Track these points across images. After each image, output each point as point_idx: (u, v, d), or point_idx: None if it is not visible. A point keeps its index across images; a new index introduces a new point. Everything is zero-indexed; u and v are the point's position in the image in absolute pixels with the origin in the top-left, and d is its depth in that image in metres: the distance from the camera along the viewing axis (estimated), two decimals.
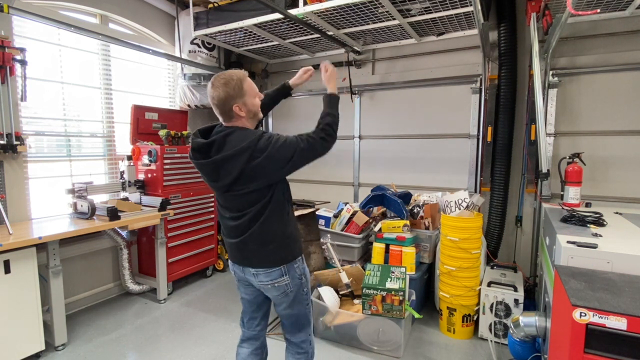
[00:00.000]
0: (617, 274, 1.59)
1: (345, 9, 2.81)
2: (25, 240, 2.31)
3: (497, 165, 3.25)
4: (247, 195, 1.57)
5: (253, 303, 1.81)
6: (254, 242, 1.62)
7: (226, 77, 1.55)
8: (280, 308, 1.75)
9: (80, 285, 3.27)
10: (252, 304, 1.82)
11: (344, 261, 3.13)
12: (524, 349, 2.15)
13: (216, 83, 1.54)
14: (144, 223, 3.05)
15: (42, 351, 2.51)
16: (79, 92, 3.28)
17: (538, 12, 2.70)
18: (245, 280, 1.75)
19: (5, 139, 2.64)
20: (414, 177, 3.85)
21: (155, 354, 2.57)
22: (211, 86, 1.56)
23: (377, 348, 2.58)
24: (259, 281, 1.67)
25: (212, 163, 1.54)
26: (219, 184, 1.58)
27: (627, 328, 1.27)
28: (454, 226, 2.72)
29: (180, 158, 3.56)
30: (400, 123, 3.89)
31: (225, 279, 3.96)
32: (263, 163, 1.49)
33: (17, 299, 2.35)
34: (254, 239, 1.62)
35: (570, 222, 2.17)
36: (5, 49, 2.56)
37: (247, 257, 1.67)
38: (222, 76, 1.56)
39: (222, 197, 1.65)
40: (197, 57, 3.87)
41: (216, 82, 1.55)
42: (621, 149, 2.97)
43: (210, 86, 1.56)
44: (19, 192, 2.81)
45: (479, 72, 3.38)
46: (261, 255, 1.63)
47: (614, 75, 2.96)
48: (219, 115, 1.60)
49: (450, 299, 2.75)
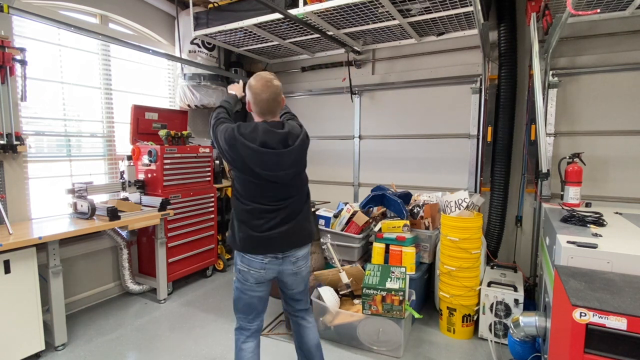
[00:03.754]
0: (617, 274, 1.59)
1: (345, 9, 2.81)
2: (25, 240, 2.31)
3: (497, 165, 3.25)
4: (302, 178, 1.83)
5: (264, 299, 1.90)
6: (306, 220, 1.86)
7: (271, 74, 1.77)
8: (303, 285, 1.96)
9: (80, 285, 3.27)
10: (263, 299, 1.90)
11: (344, 261, 3.13)
12: (524, 349, 2.15)
13: (270, 76, 1.74)
14: (144, 223, 3.05)
15: (42, 351, 2.51)
16: (79, 92, 3.28)
17: (538, 12, 2.70)
18: (271, 275, 1.84)
19: (5, 139, 2.64)
20: (414, 177, 3.85)
21: (155, 354, 2.57)
22: (268, 81, 1.71)
23: (377, 348, 2.58)
24: (297, 262, 1.86)
25: (293, 151, 1.71)
26: (289, 171, 1.71)
27: (627, 328, 1.27)
28: (454, 226, 2.72)
29: (180, 158, 3.56)
30: (400, 123, 3.89)
31: (225, 279, 3.96)
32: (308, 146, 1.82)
33: (17, 299, 2.35)
34: (306, 217, 1.85)
35: (570, 222, 2.17)
36: (5, 49, 2.56)
37: (301, 238, 1.84)
38: (267, 73, 1.76)
39: (274, 188, 1.73)
40: (197, 57, 3.87)
41: (269, 76, 1.74)
42: (621, 149, 2.98)
43: (267, 81, 1.71)
44: (19, 192, 2.81)
45: (479, 72, 3.38)
46: (311, 231, 1.89)
47: (614, 75, 2.96)
48: (273, 106, 1.74)
49: (450, 299, 2.75)
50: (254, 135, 1.66)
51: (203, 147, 3.81)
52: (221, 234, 4.27)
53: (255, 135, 1.66)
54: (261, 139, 1.66)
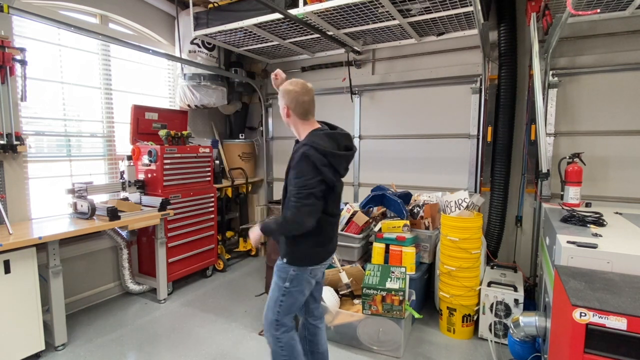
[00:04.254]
0: (617, 274, 1.60)
1: (345, 9, 2.81)
2: (25, 240, 2.31)
3: (497, 165, 3.25)
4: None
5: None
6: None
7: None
8: (320, 285, 2.07)
9: (80, 285, 3.27)
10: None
11: (344, 261, 3.13)
12: (524, 349, 2.16)
13: (303, 80, 1.84)
14: (144, 223, 3.05)
15: (42, 351, 2.51)
16: (79, 92, 3.28)
17: (538, 12, 2.70)
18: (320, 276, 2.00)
19: (5, 139, 2.64)
20: (414, 177, 3.85)
21: (155, 354, 2.57)
22: (304, 84, 1.82)
23: (377, 348, 2.58)
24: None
25: (353, 154, 1.85)
26: (343, 176, 1.83)
27: (627, 328, 1.27)
28: (454, 226, 2.72)
29: (180, 158, 3.56)
30: (400, 123, 3.89)
31: (225, 279, 3.96)
32: None
33: (17, 299, 2.35)
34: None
35: (570, 222, 2.17)
36: (5, 49, 2.56)
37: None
38: (297, 79, 1.86)
39: (336, 194, 1.84)
40: (197, 57, 3.87)
41: (302, 80, 1.84)
42: (621, 149, 2.97)
43: (304, 84, 1.81)
44: (19, 192, 2.81)
45: (479, 72, 3.38)
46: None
47: (614, 75, 2.96)
48: (313, 107, 1.84)
49: (450, 299, 2.75)
50: (332, 144, 1.75)
51: (203, 147, 3.81)
52: (221, 234, 4.27)
53: (333, 142, 1.75)
54: (343, 138, 1.81)
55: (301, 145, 1.72)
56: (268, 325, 1.90)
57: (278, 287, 1.86)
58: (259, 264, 4.43)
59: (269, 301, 1.92)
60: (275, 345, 1.89)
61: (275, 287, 1.88)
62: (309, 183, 1.66)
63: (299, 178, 1.67)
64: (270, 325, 1.89)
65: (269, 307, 1.90)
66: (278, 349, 1.89)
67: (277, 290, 1.87)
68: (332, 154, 1.70)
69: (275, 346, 1.90)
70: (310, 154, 1.65)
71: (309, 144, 1.69)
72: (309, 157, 1.65)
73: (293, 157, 1.75)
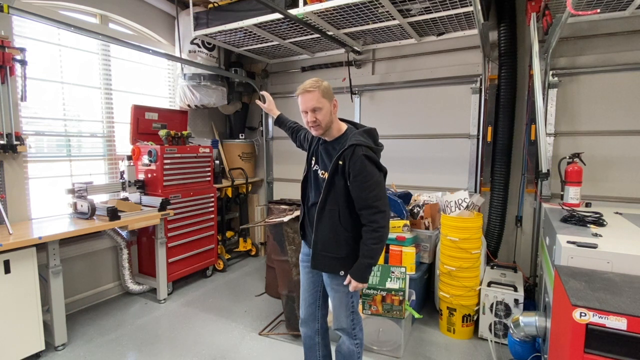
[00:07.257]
0: (617, 274, 1.59)
1: (345, 9, 2.81)
2: (25, 240, 2.31)
3: (497, 165, 3.25)
4: None
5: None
6: None
7: None
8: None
9: (80, 285, 3.27)
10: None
11: None
12: (524, 349, 2.16)
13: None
14: (144, 223, 3.05)
15: (42, 351, 2.51)
16: (79, 92, 3.28)
17: (538, 12, 2.70)
18: None
19: (5, 139, 2.64)
20: (414, 177, 3.84)
21: (155, 354, 2.57)
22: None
23: (377, 348, 2.58)
24: None
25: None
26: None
27: (627, 328, 1.27)
28: (454, 226, 2.72)
29: (180, 158, 3.56)
30: (400, 123, 3.89)
31: (225, 279, 3.96)
32: None
33: (17, 299, 2.35)
34: None
35: (570, 222, 2.16)
36: (5, 49, 2.56)
37: None
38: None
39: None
40: (197, 57, 3.87)
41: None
42: (621, 149, 2.97)
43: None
44: (19, 192, 2.81)
45: (479, 72, 3.38)
46: None
47: (614, 75, 2.96)
48: None
49: (450, 299, 2.75)
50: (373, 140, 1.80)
51: (203, 147, 3.81)
52: (221, 234, 4.27)
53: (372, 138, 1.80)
54: (375, 138, 1.86)
55: (354, 147, 1.65)
56: (347, 334, 1.88)
57: (345, 294, 1.82)
58: (259, 264, 4.43)
59: (336, 312, 1.87)
60: (352, 346, 1.89)
61: (340, 296, 1.83)
62: (382, 183, 1.70)
63: (367, 182, 1.64)
64: (350, 331, 1.87)
65: (339, 317, 1.86)
66: (354, 348, 1.89)
67: (344, 298, 1.83)
68: (377, 150, 1.76)
69: (352, 346, 1.89)
70: (369, 155, 1.67)
71: (362, 144, 1.66)
72: (370, 158, 1.67)
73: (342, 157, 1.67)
